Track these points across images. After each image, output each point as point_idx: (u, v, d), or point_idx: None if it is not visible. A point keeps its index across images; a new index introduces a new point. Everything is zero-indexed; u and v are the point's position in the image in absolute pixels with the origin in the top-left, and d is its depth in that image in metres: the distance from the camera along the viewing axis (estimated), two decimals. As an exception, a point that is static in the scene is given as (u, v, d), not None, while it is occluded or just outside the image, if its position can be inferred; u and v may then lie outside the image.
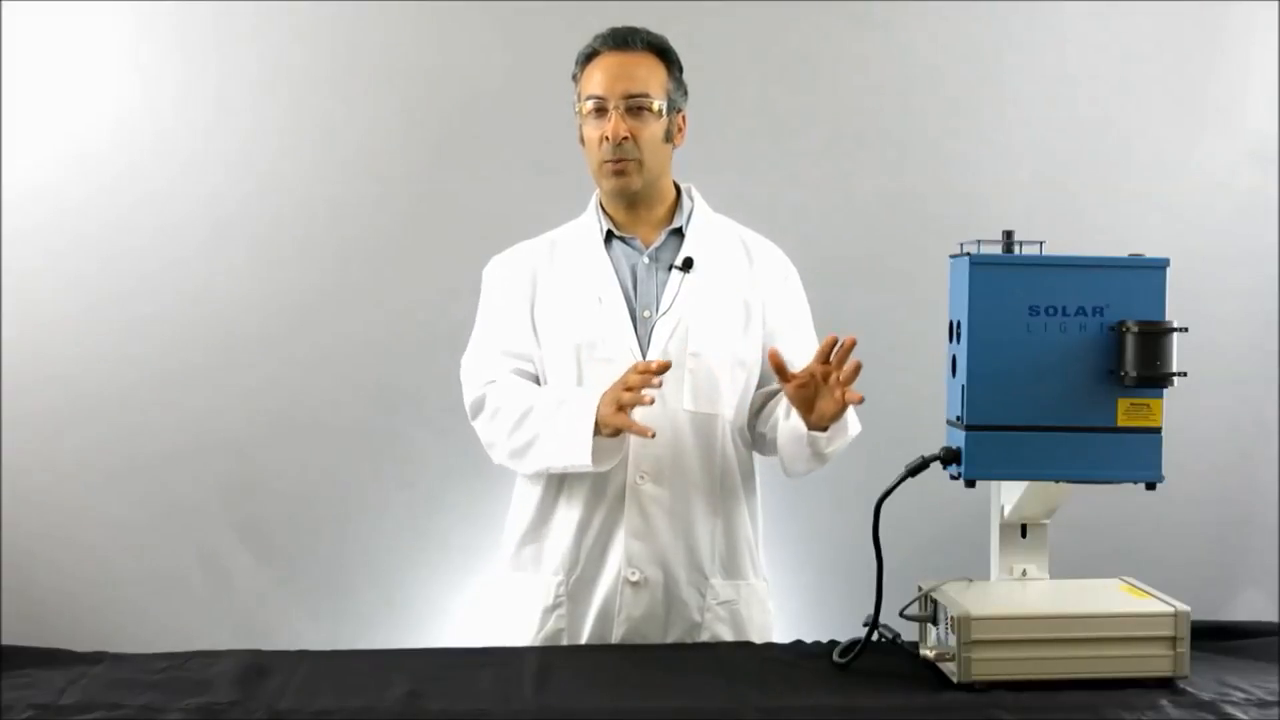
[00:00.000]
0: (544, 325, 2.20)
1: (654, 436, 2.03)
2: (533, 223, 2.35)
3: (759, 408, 2.24)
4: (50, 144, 3.15)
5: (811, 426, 2.05)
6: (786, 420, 2.14)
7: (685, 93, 2.23)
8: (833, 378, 1.97)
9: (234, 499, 3.22)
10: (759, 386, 2.24)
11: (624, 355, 2.14)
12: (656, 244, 2.22)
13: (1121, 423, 1.75)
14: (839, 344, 1.95)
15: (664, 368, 1.98)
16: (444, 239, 3.20)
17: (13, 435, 3.14)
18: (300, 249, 3.21)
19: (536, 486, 2.20)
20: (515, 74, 3.20)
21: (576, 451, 2.05)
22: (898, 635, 1.86)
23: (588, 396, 2.05)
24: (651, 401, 1.99)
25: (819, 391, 2.01)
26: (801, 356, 2.18)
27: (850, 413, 2.10)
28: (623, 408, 1.99)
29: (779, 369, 1.99)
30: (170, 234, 3.18)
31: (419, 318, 3.18)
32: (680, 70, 2.22)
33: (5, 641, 1.94)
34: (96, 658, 1.89)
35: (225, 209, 3.19)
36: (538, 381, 2.21)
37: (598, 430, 2.03)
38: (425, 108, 3.23)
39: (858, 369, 1.95)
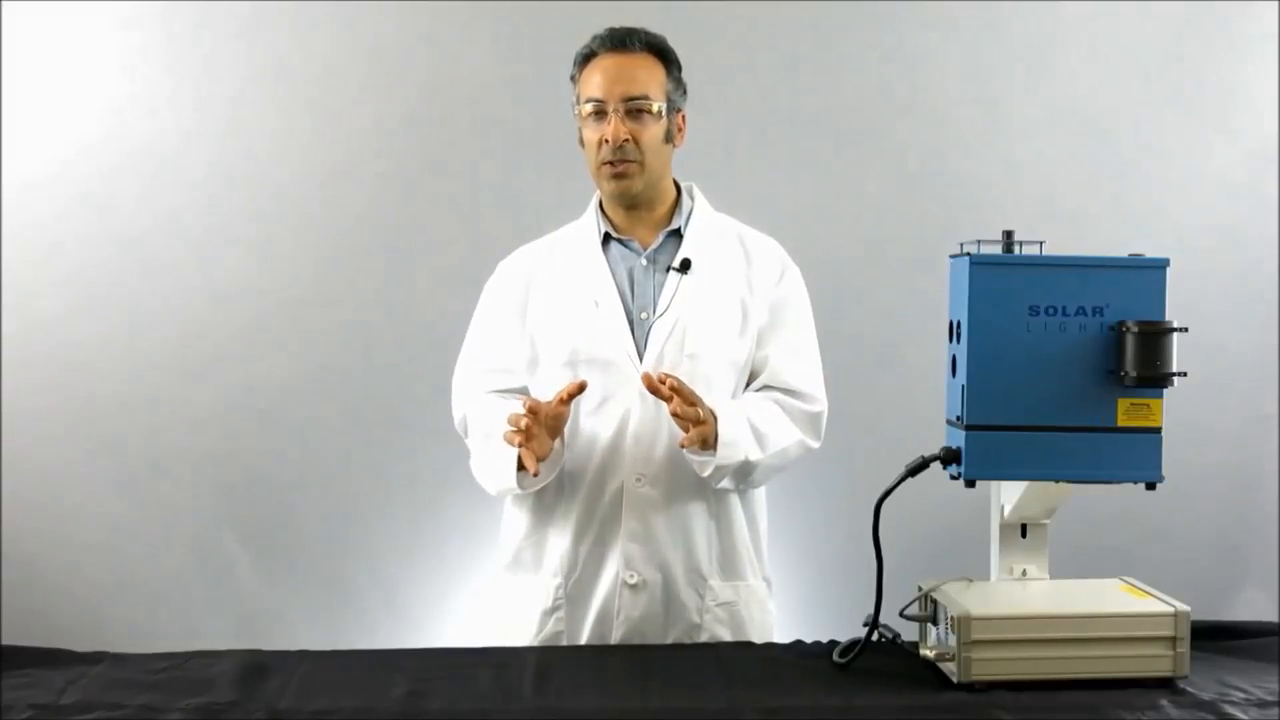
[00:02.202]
0: (540, 330, 2.20)
1: (537, 475, 2.03)
2: (535, 224, 2.36)
3: None
4: (47, 146, 3.15)
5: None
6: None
7: (684, 92, 2.23)
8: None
9: (234, 499, 3.23)
10: (746, 386, 2.23)
11: (621, 358, 2.14)
12: (654, 245, 2.21)
13: (1121, 423, 1.75)
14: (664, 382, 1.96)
15: (532, 411, 1.98)
16: (446, 240, 3.20)
17: (12, 435, 3.14)
18: (301, 250, 3.22)
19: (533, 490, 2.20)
20: (517, 73, 3.20)
21: (507, 478, 2.09)
22: (898, 635, 1.86)
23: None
24: (521, 443, 1.98)
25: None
26: (788, 356, 2.19)
27: (738, 443, 2.05)
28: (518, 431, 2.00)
29: (653, 392, 1.98)
30: (171, 235, 3.19)
31: (420, 318, 3.18)
32: (679, 70, 2.21)
33: (5, 641, 1.94)
34: (96, 658, 1.89)
35: (227, 210, 3.20)
36: (523, 393, 2.21)
37: None
38: (425, 107, 3.23)
39: (675, 401, 1.96)
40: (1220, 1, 3.27)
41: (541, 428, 2.01)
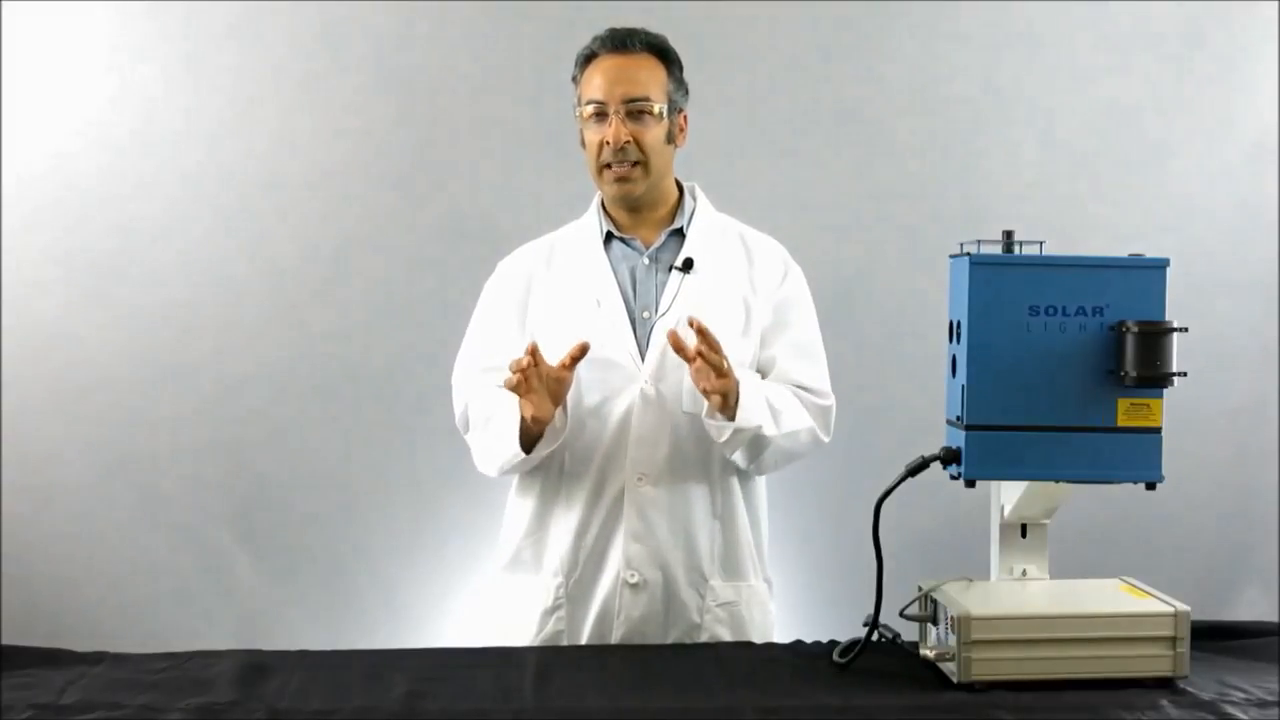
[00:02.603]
0: (542, 329, 2.20)
1: (536, 429, 2.03)
2: (535, 224, 2.35)
3: None
4: (45, 144, 3.15)
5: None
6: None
7: (686, 92, 2.22)
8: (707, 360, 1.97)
9: (234, 499, 3.22)
10: None
11: (623, 357, 2.14)
12: (656, 245, 2.21)
13: (1121, 423, 1.75)
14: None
15: (527, 357, 1.96)
16: (447, 240, 3.20)
17: (12, 435, 3.14)
18: (301, 250, 3.21)
19: (534, 489, 2.20)
20: (518, 73, 3.20)
21: (510, 444, 2.08)
22: (898, 635, 1.86)
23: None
24: (516, 385, 1.97)
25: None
26: (795, 357, 2.19)
27: (756, 410, 2.05)
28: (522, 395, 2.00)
29: (678, 349, 1.98)
30: (172, 235, 3.18)
31: (420, 317, 3.17)
32: (680, 69, 2.21)
33: (5, 641, 1.94)
34: (96, 658, 1.89)
35: (226, 210, 3.19)
36: None
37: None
38: (425, 106, 3.23)
39: (700, 350, 1.95)
40: (1220, 1, 3.27)
41: (542, 385, 2.00)
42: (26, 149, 3.14)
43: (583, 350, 2.01)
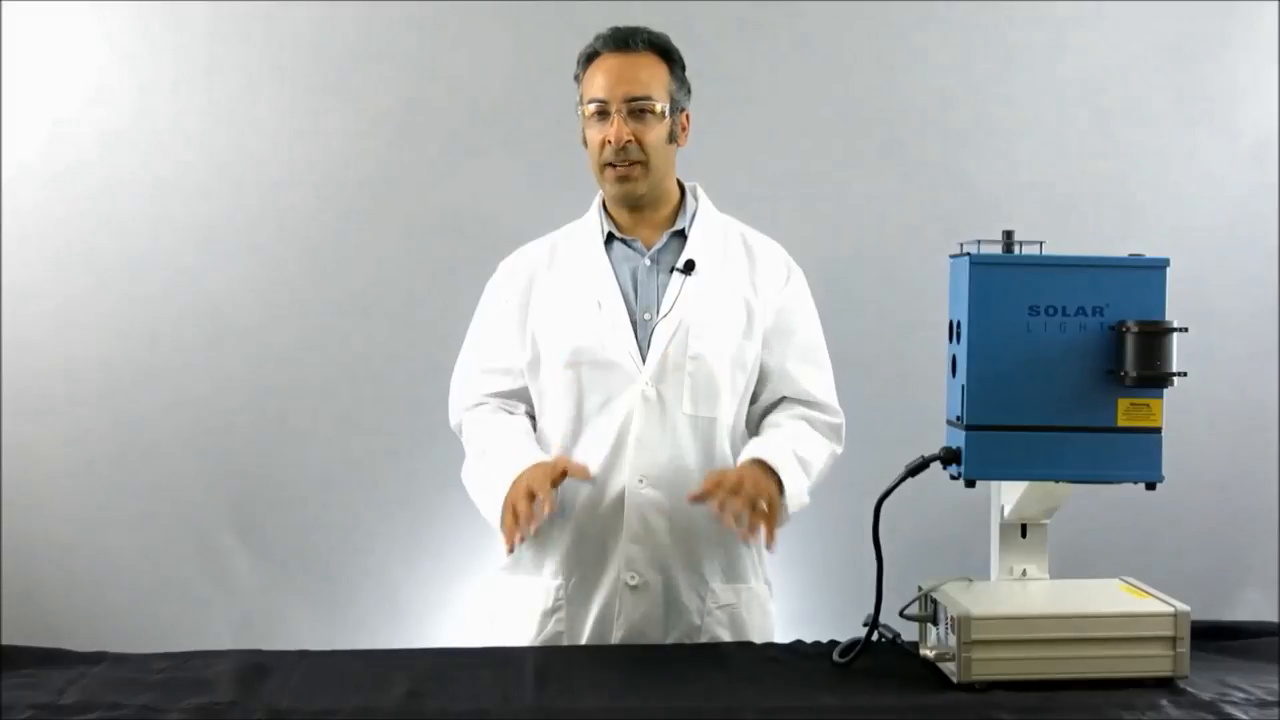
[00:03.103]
0: (543, 330, 2.19)
1: (510, 552, 2.05)
2: (535, 223, 2.35)
3: (756, 423, 2.23)
4: (42, 143, 3.15)
5: None
6: None
7: (688, 91, 2.22)
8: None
9: (234, 499, 3.23)
10: (755, 392, 2.23)
11: (624, 359, 2.13)
12: (658, 246, 2.21)
13: (1121, 423, 1.75)
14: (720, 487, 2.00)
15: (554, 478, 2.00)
16: (446, 240, 3.20)
17: (12, 435, 3.14)
18: (302, 249, 3.22)
19: None
20: (519, 71, 3.20)
21: (490, 513, 2.10)
22: (898, 635, 1.86)
23: (511, 468, 2.07)
24: (534, 532, 2.00)
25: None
26: (804, 365, 2.20)
27: (797, 487, 2.09)
28: (516, 513, 2.00)
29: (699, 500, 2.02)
30: (173, 237, 3.19)
31: (421, 317, 3.18)
32: (683, 69, 2.20)
33: (5, 641, 1.94)
34: (96, 658, 1.89)
35: (228, 214, 3.20)
36: (523, 394, 2.22)
37: None
38: (426, 106, 3.24)
39: (742, 512, 1.99)
40: (1220, 1, 3.27)
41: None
42: (24, 148, 3.14)
43: (584, 475, 2.06)
